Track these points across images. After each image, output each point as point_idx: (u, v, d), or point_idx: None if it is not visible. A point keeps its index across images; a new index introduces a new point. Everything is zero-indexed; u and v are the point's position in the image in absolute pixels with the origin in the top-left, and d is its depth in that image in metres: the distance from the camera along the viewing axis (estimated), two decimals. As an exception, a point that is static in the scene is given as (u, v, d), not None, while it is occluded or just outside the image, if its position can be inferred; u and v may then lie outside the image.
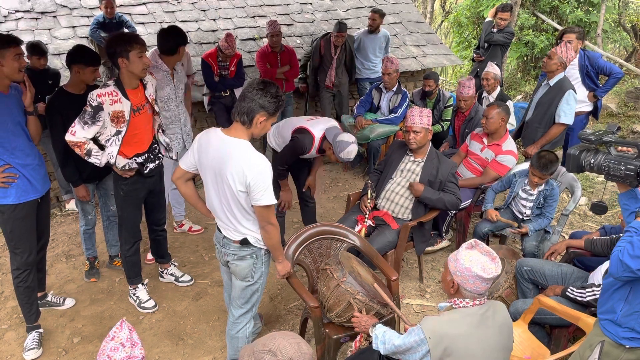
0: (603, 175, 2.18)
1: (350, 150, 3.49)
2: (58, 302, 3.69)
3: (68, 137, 3.06)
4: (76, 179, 3.55)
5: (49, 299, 3.67)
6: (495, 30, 6.08)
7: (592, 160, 2.19)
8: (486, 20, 6.45)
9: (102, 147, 3.19)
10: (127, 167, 3.25)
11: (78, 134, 3.04)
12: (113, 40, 3.04)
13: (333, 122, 3.76)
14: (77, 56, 3.35)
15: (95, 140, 3.18)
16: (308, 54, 6.25)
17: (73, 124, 3.04)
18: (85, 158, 3.14)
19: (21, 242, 3.08)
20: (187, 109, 4.39)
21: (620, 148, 2.17)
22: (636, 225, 1.95)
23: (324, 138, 3.65)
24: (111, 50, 3.03)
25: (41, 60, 4.61)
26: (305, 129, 3.65)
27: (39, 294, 3.54)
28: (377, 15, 6.18)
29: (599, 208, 2.44)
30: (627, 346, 2.01)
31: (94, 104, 3.00)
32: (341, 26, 5.82)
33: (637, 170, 2.03)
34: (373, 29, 6.24)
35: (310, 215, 4.32)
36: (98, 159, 3.15)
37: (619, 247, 1.93)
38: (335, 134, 3.57)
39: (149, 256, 4.19)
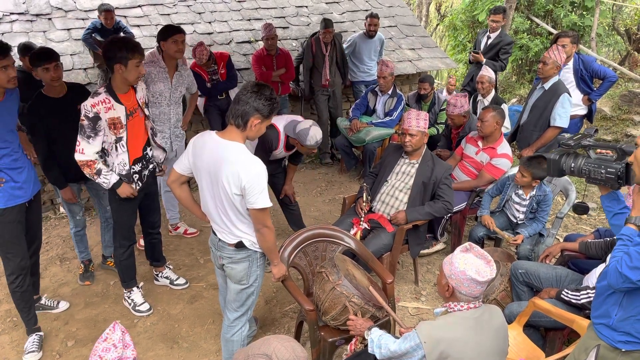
0: (584, 179, 2.20)
1: (314, 134, 3.52)
2: (52, 305, 3.67)
3: (78, 157, 3.04)
4: (61, 182, 3.53)
5: (42, 302, 3.65)
6: (490, 34, 6.07)
7: (573, 164, 2.21)
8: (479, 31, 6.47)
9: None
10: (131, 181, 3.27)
11: (86, 150, 3.03)
12: (114, 44, 3.02)
13: (290, 117, 3.79)
14: (37, 58, 3.28)
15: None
16: (300, 55, 6.26)
17: (78, 143, 3.02)
18: (95, 178, 3.13)
19: (12, 247, 3.04)
20: (188, 111, 4.46)
21: (599, 151, 2.19)
22: (628, 233, 1.94)
23: (287, 136, 3.69)
24: (111, 54, 3.00)
25: None
26: (271, 124, 3.67)
27: (35, 303, 3.53)
28: (377, 20, 6.20)
29: (580, 208, 2.48)
30: (623, 349, 2.01)
31: (91, 115, 2.98)
32: (327, 22, 5.84)
33: (617, 173, 2.05)
34: (374, 34, 6.25)
35: (296, 220, 4.35)
36: (107, 179, 3.14)
37: (615, 258, 1.91)
38: (293, 127, 3.61)
39: (142, 242, 4.17)
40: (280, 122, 3.72)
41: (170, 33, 3.80)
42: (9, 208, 2.98)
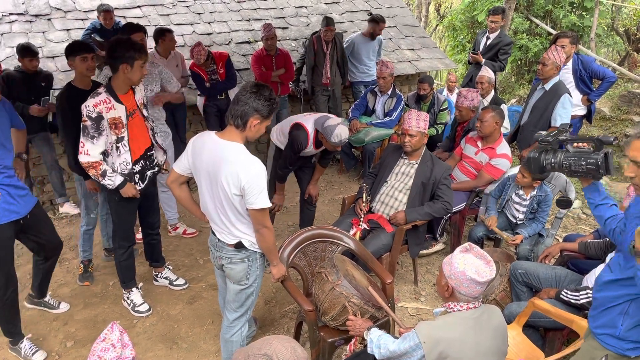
0: (565, 173, 2.21)
1: (339, 132, 3.51)
2: (54, 304, 3.66)
3: (82, 159, 3.06)
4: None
5: (46, 299, 3.64)
6: (489, 35, 6.08)
7: (553, 159, 2.24)
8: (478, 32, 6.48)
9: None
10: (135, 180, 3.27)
11: (91, 151, 3.05)
12: (121, 44, 3.02)
13: (321, 114, 3.81)
14: (75, 48, 3.42)
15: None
16: (303, 55, 6.26)
17: (81, 144, 3.03)
18: (100, 180, 3.14)
19: (4, 264, 2.98)
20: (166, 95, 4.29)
21: (576, 145, 2.22)
22: None
23: (317, 131, 3.69)
24: (118, 54, 3.01)
25: (33, 62, 4.59)
26: (300, 124, 3.71)
27: (38, 299, 3.56)
28: (384, 25, 6.21)
29: (564, 202, 2.50)
30: (632, 356, 1.97)
31: (94, 115, 2.99)
32: (328, 20, 5.84)
33: (597, 163, 2.08)
34: (376, 36, 6.26)
35: (308, 219, 4.34)
36: (112, 180, 3.15)
37: None
38: (322, 122, 3.62)
39: (138, 235, 4.17)
40: (310, 120, 3.74)
41: (129, 32, 3.81)
42: (5, 224, 2.91)
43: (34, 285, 3.56)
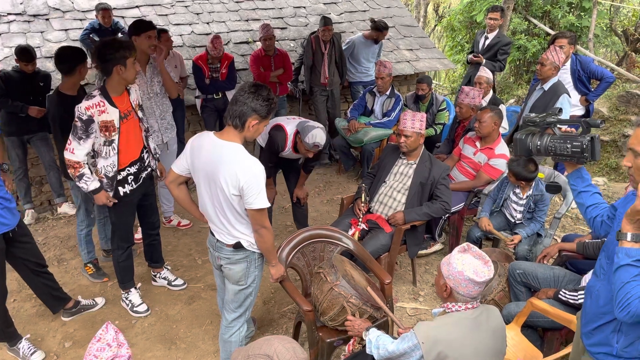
0: (550, 156, 2.20)
1: (315, 133, 3.54)
2: (91, 303, 3.69)
3: (67, 156, 3.05)
4: None
5: (82, 302, 3.65)
6: (488, 35, 6.09)
7: (539, 142, 2.23)
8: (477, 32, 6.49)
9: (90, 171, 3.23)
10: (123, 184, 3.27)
11: (77, 151, 3.04)
12: (110, 46, 2.98)
13: (305, 119, 3.87)
14: (79, 57, 3.45)
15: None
16: (301, 55, 6.25)
17: (69, 142, 3.03)
18: (75, 180, 3.14)
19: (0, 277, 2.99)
20: (169, 91, 4.24)
21: (564, 129, 2.21)
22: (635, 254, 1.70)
23: (297, 134, 3.72)
24: (109, 56, 2.97)
25: (29, 66, 4.56)
26: (280, 126, 3.75)
27: (71, 307, 3.56)
28: (387, 32, 6.22)
29: (553, 188, 2.50)
30: None
31: (84, 117, 2.98)
32: (326, 20, 5.84)
33: (582, 146, 2.06)
34: (375, 42, 6.27)
35: (301, 217, 4.38)
36: (86, 184, 3.14)
37: (633, 293, 1.64)
38: (304, 124, 3.67)
39: (137, 236, 4.17)
40: (292, 123, 3.78)
41: (143, 29, 3.83)
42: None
43: (48, 303, 3.48)
